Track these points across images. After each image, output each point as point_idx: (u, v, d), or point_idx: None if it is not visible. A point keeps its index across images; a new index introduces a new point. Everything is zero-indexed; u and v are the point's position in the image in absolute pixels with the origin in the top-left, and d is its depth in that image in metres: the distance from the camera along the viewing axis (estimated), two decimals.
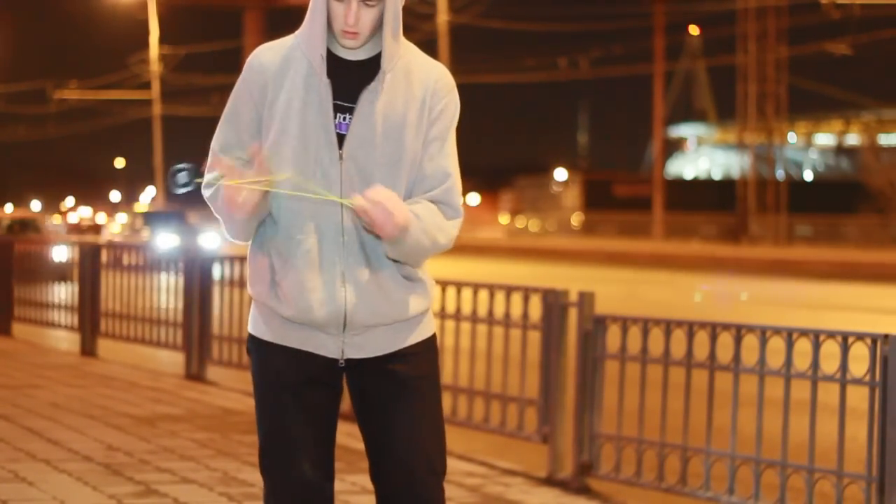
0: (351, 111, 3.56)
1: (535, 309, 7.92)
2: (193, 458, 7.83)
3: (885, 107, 79.48)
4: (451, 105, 3.65)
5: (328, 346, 3.61)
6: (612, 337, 7.38)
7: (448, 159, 3.64)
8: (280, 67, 3.58)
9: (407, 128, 3.57)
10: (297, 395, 3.62)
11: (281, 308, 3.59)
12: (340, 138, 3.55)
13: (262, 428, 3.68)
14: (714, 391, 6.76)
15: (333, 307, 3.55)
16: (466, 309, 8.50)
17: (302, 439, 3.62)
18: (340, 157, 3.54)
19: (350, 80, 3.57)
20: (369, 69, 3.59)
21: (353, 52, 3.59)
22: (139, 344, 13.03)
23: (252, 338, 3.71)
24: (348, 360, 3.62)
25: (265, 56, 3.62)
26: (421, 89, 3.61)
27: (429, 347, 3.70)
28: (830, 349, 6.17)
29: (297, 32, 3.65)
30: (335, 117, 3.55)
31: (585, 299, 7.50)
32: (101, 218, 70.30)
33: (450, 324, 8.76)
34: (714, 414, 6.79)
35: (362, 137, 3.55)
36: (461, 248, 21.02)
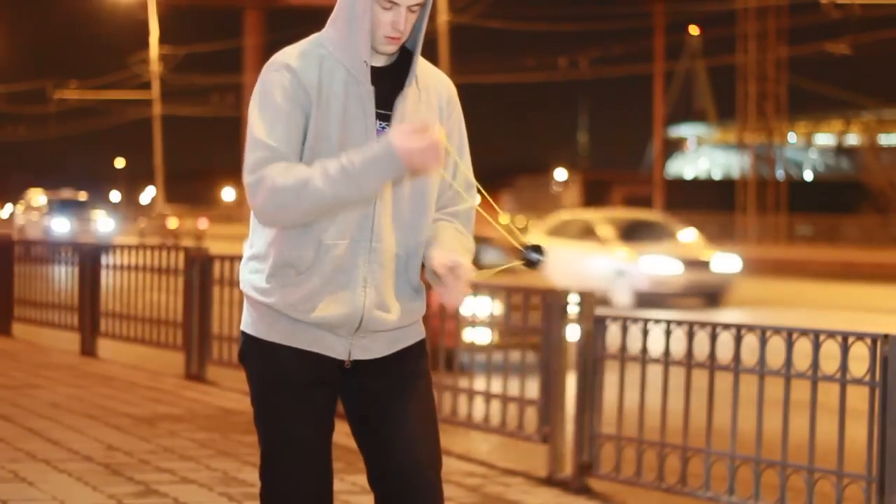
0: (386, 118, 3.56)
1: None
2: (193, 458, 7.83)
3: (885, 107, 79.21)
4: (460, 113, 3.70)
5: (336, 348, 3.60)
6: (612, 337, 7.38)
7: (468, 170, 3.66)
8: (318, 74, 3.53)
9: None
10: (305, 396, 3.61)
11: (297, 311, 3.55)
12: None
13: (267, 430, 3.66)
14: (714, 391, 6.77)
15: (353, 311, 3.55)
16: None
17: (308, 440, 3.62)
18: None
19: (381, 86, 3.56)
20: (394, 75, 3.59)
21: (378, 59, 3.58)
22: (139, 344, 13.03)
23: (252, 339, 3.66)
24: (353, 362, 3.62)
25: (300, 62, 3.54)
26: (436, 96, 3.64)
27: (423, 347, 3.75)
28: (830, 349, 6.17)
29: (319, 38, 3.59)
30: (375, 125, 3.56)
31: (585, 299, 7.50)
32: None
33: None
34: (714, 414, 6.79)
35: None
36: None
